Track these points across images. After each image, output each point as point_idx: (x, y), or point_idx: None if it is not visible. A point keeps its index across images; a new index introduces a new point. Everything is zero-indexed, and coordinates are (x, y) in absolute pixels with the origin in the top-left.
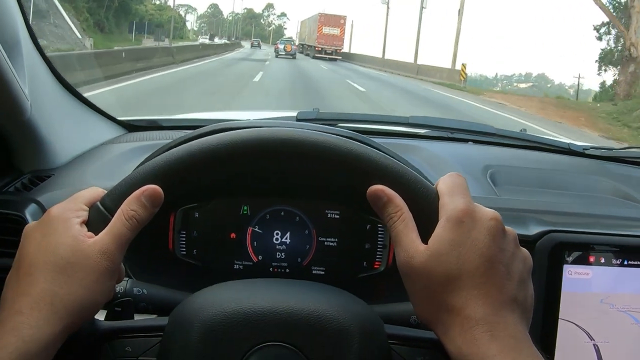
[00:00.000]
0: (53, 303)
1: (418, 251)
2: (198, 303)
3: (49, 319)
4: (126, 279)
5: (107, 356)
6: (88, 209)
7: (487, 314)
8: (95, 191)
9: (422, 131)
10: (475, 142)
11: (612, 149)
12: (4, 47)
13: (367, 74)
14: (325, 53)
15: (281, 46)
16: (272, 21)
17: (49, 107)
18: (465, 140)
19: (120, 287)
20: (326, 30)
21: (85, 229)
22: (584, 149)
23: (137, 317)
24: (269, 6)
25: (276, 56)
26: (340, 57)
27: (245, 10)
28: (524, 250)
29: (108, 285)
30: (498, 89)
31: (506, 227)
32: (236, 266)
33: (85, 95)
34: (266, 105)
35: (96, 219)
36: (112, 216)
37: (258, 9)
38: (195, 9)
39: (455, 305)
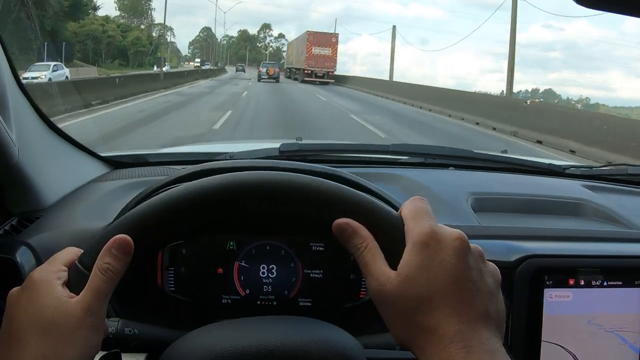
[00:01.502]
0: None
1: (388, 278)
2: (186, 346)
3: None
4: (117, 319)
5: None
6: (67, 269)
7: (462, 330)
8: (71, 251)
9: (403, 158)
10: (456, 167)
11: (591, 167)
12: None
13: (374, 103)
14: (316, 76)
15: (263, 69)
16: (268, 43)
17: (35, 149)
18: (446, 166)
19: (112, 328)
20: (316, 50)
21: (66, 290)
22: (564, 169)
23: (128, 356)
24: (265, 27)
25: (258, 80)
26: (332, 81)
27: (239, 33)
28: (491, 264)
29: (95, 340)
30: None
31: (471, 244)
32: (224, 300)
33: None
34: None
35: (76, 278)
36: (90, 272)
37: (253, 30)
38: (171, 29)
39: (430, 325)
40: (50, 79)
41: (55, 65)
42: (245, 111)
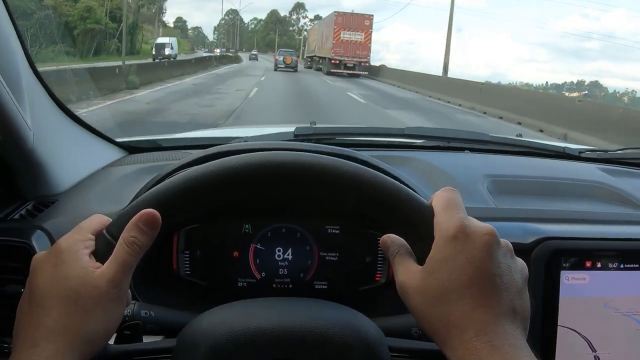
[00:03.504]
0: (67, 335)
1: (412, 273)
2: (204, 324)
3: (64, 350)
4: (133, 302)
5: None
6: (94, 237)
7: (487, 323)
8: (100, 219)
9: (418, 142)
10: (472, 150)
11: (607, 151)
12: (5, 79)
13: (448, 116)
14: (345, 67)
15: (280, 58)
16: (302, 27)
17: (50, 134)
18: (461, 149)
19: (128, 310)
20: (345, 35)
21: (93, 259)
22: (579, 152)
23: (145, 338)
24: (299, 7)
25: (275, 69)
26: (365, 73)
27: (268, 15)
28: (520, 260)
29: (118, 312)
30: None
31: (501, 239)
32: (240, 284)
33: None
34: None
35: (103, 248)
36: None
37: (284, 11)
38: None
39: (454, 317)
40: None
41: None
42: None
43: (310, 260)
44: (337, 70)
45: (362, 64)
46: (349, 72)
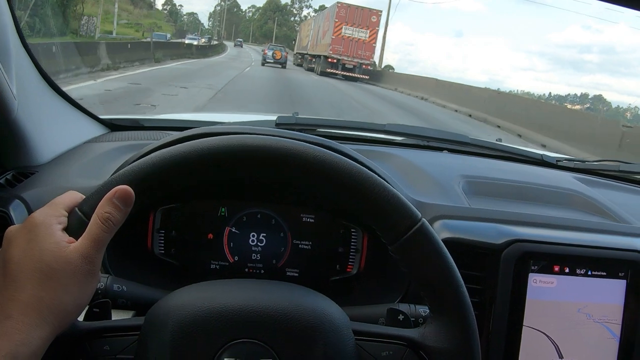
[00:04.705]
0: (40, 308)
1: None
2: (172, 303)
3: (37, 323)
4: (106, 275)
5: (86, 355)
6: (67, 214)
7: None
8: (73, 196)
9: (398, 139)
10: (450, 151)
11: (584, 161)
12: None
13: None
14: (343, 68)
15: (269, 52)
16: (305, 17)
17: (34, 105)
18: (440, 149)
19: (101, 284)
20: (347, 31)
21: (66, 235)
22: (557, 161)
23: (115, 313)
24: None
25: (262, 64)
26: (366, 77)
27: (267, 2)
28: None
29: (90, 288)
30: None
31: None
32: (212, 266)
33: None
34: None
35: (75, 224)
36: (89, 220)
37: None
38: None
39: None
40: None
41: None
42: None
43: (283, 247)
44: (333, 71)
45: (364, 66)
46: (347, 74)
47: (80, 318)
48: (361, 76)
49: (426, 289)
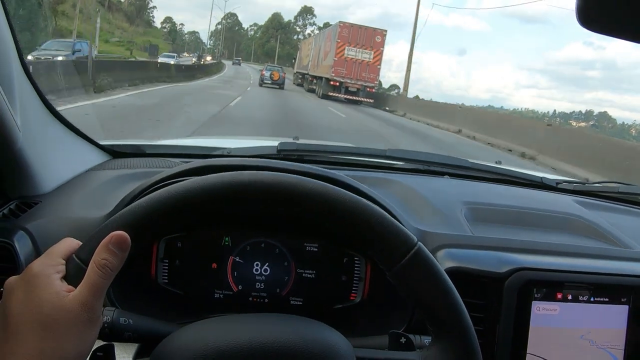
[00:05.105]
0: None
1: None
2: (177, 343)
3: None
4: (112, 309)
5: None
6: (65, 262)
7: None
8: (70, 243)
9: (399, 164)
10: (451, 175)
11: (584, 183)
12: None
13: None
14: (347, 92)
15: (267, 73)
16: (309, 34)
17: (38, 135)
18: (441, 174)
19: (107, 317)
20: (351, 52)
21: (65, 283)
22: (556, 183)
23: (121, 346)
24: (305, 11)
25: (260, 85)
26: (370, 101)
27: (269, 19)
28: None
29: (91, 335)
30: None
31: None
32: (217, 295)
33: None
34: None
35: (73, 272)
36: (87, 267)
37: (289, 16)
38: None
39: None
40: None
41: None
42: None
43: (287, 276)
44: (335, 94)
45: (368, 89)
46: (349, 97)
47: None
48: (365, 100)
49: (426, 312)
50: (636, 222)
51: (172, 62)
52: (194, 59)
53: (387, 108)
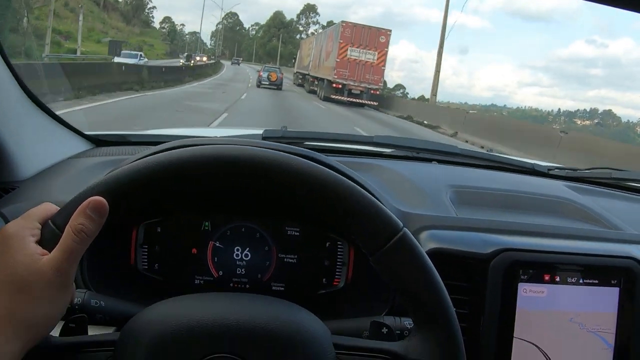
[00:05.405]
0: (12, 322)
1: None
2: (148, 317)
3: (8, 337)
4: (84, 290)
5: None
6: (41, 226)
7: None
8: (48, 208)
9: (387, 150)
10: (440, 161)
11: (576, 170)
12: None
13: None
14: (350, 94)
15: (264, 74)
16: (313, 34)
17: (16, 120)
18: (429, 160)
19: (78, 299)
20: (354, 53)
21: (39, 247)
22: (548, 169)
23: (96, 329)
24: (308, 9)
25: (258, 86)
26: (375, 103)
27: (270, 18)
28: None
29: (63, 301)
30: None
31: None
32: (197, 281)
33: None
34: None
35: (48, 237)
36: (63, 232)
37: (291, 14)
38: None
39: None
40: None
41: None
42: None
43: (268, 261)
44: (338, 97)
45: (372, 91)
46: (352, 99)
47: (56, 333)
48: (369, 102)
49: (408, 300)
50: (628, 206)
51: (132, 63)
52: (182, 60)
53: (413, 117)
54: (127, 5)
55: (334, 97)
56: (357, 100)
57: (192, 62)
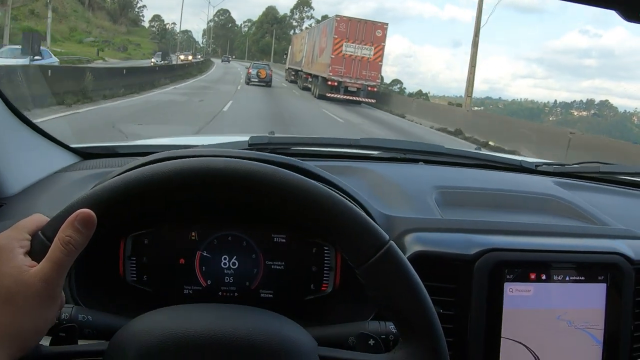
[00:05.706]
0: None
1: None
2: (135, 328)
3: None
4: (72, 305)
5: None
6: (31, 237)
7: None
8: (38, 219)
9: (374, 153)
10: (426, 162)
11: (564, 165)
12: None
13: None
14: (346, 92)
15: (253, 71)
16: (307, 29)
17: (1, 136)
18: (416, 161)
19: (65, 314)
20: (349, 49)
21: (28, 258)
22: (536, 166)
23: (82, 342)
24: (302, 4)
25: (247, 83)
26: (372, 101)
27: (263, 13)
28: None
29: (50, 312)
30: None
31: None
32: (186, 291)
33: None
34: None
35: (37, 248)
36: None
37: (284, 9)
38: None
39: None
40: None
41: None
42: None
43: (256, 268)
44: (333, 95)
45: (369, 88)
46: (349, 97)
47: (47, 343)
48: (366, 100)
49: (394, 314)
50: (616, 200)
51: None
52: (153, 60)
53: (449, 129)
54: (114, 4)
55: (329, 95)
56: (354, 98)
57: (170, 61)
